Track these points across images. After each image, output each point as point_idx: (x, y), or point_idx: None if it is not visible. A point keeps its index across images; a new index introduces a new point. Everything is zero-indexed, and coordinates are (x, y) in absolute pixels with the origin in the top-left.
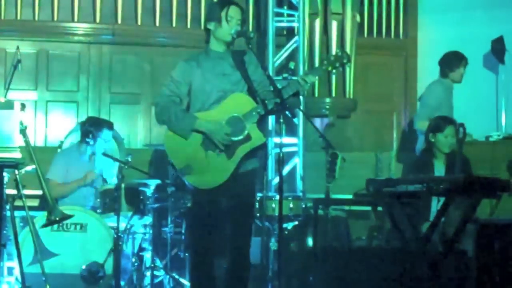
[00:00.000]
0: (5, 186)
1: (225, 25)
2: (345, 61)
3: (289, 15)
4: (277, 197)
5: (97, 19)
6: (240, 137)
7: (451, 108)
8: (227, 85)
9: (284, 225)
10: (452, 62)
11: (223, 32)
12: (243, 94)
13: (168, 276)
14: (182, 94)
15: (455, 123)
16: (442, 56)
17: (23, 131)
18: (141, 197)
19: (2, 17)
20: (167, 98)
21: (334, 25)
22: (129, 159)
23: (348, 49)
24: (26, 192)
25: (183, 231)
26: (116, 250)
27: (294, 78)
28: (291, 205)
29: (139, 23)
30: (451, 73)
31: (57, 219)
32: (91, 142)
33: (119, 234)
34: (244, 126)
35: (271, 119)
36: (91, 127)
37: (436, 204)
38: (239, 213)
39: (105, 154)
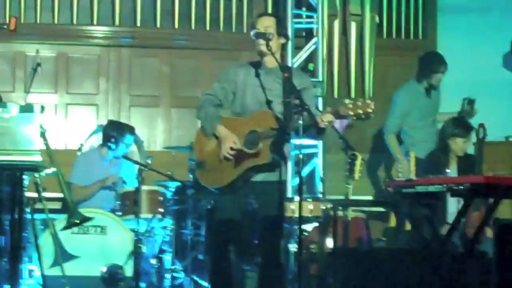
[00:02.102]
0: (25, 189)
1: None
2: (369, 110)
3: (308, 17)
4: (297, 198)
5: (116, 22)
6: (251, 151)
7: (424, 112)
8: (265, 98)
9: (304, 227)
10: (432, 66)
11: (255, 45)
12: (269, 112)
13: (188, 278)
14: (224, 95)
15: (466, 126)
16: (422, 56)
17: (43, 134)
18: (161, 199)
19: (22, 21)
20: (207, 97)
21: (353, 26)
22: (149, 162)
23: (367, 50)
24: (46, 195)
25: (203, 233)
26: (136, 252)
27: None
28: (311, 207)
29: (158, 25)
30: (428, 78)
31: (77, 221)
32: (113, 147)
33: (139, 236)
34: (258, 142)
35: None
36: (114, 132)
37: (453, 205)
38: (267, 224)
39: (125, 157)
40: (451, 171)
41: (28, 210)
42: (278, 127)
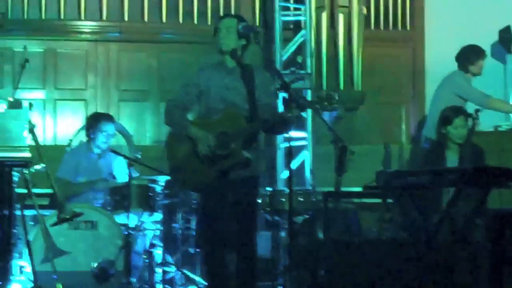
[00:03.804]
0: (15, 185)
1: (216, 37)
2: (355, 105)
3: (296, 9)
4: (287, 191)
5: (104, 17)
6: (224, 152)
7: (464, 103)
8: (231, 98)
9: (294, 219)
10: (471, 55)
11: (217, 44)
12: (237, 113)
13: (179, 272)
14: (189, 100)
15: (465, 113)
16: (459, 51)
17: (32, 130)
18: (151, 194)
19: (9, 17)
20: (172, 103)
21: (341, 18)
22: (139, 156)
23: (355, 42)
24: (36, 191)
25: (193, 227)
26: (127, 247)
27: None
28: (301, 199)
29: (145, 20)
30: (471, 67)
31: (68, 217)
32: (92, 136)
33: (130, 231)
34: (230, 143)
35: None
36: (90, 122)
37: (447, 195)
38: (242, 213)
39: (113, 151)
40: (451, 161)
41: (18, 206)
42: (248, 125)
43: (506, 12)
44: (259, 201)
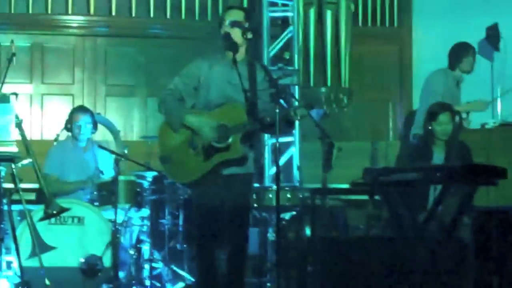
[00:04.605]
0: (1, 180)
1: (222, 30)
2: (343, 105)
3: (284, 5)
4: (274, 187)
5: (91, 11)
6: (222, 145)
7: (453, 99)
8: (231, 92)
9: (282, 215)
10: (458, 52)
11: (221, 37)
12: (239, 106)
13: (166, 268)
14: (186, 90)
15: (450, 109)
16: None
17: (19, 125)
18: (138, 189)
19: None
20: (168, 92)
21: (328, 15)
22: (126, 151)
23: (343, 39)
24: (23, 186)
25: (180, 223)
26: (114, 243)
27: (286, 106)
28: (289, 195)
29: (133, 15)
30: (459, 64)
31: (55, 212)
32: (69, 129)
33: (117, 226)
34: (228, 136)
35: None
36: (68, 116)
37: (433, 192)
38: (235, 210)
39: (100, 146)
40: (437, 158)
41: (5, 201)
42: (249, 122)
43: (494, 9)
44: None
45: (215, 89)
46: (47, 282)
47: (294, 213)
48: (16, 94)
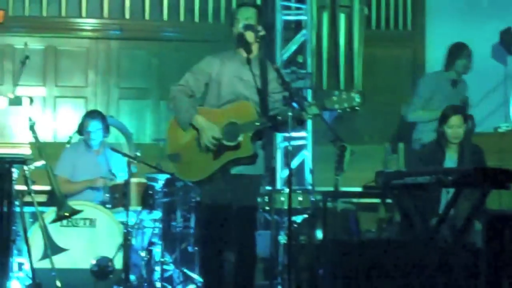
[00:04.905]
0: (14, 182)
1: (235, 28)
2: (355, 103)
3: (297, 8)
4: (286, 190)
5: (105, 14)
6: (231, 143)
7: (448, 100)
8: (242, 90)
9: (293, 218)
10: (453, 54)
11: (234, 35)
12: (250, 104)
13: (177, 271)
14: (197, 86)
15: (461, 112)
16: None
17: (32, 127)
18: (150, 192)
19: (10, 14)
20: (179, 88)
21: (342, 18)
22: (138, 154)
23: (356, 42)
24: (35, 187)
25: (192, 226)
26: (126, 245)
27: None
28: (300, 198)
29: (146, 17)
30: (453, 66)
31: (67, 214)
32: (82, 135)
33: (129, 228)
34: (238, 134)
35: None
36: (80, 121)
37: (445, 196)
38: (242, 215)
39: (113, 149)
40: (450, 161)
41: (17, 203)
42: (260, 120)
43: (507, 13)
44: (259, 200)
45: (226, 85)
46: (58, 284)
47: (305, 216)
48: (31, 99)
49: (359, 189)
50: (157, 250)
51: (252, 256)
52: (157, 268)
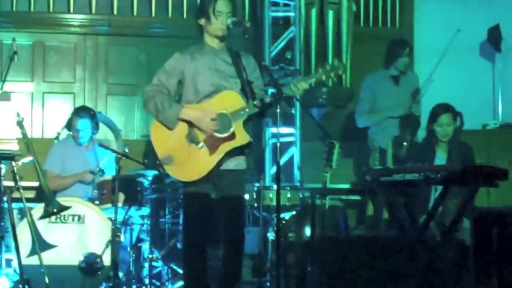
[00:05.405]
0: (2, 178)
1: (214, 21)
2: (340, 71)
3: (285, 5)
4: (275, 187)
5: (93, 10)
6: (225, 134)
7: (392, 98)
8: (220, 80)
9: (282, 215)
10: (392, 52)
11: (214, 28)
12: (234, 92)
13: (166, 267)
14: (171, 85)
15: (451, 110)
16: (388, 43)
17: (20, 123)
18: (139, 188)
19: None
20: (154, 87)
21: (330, 15)
22: (127, 150)
23: (344, 39)
24: (24, 184)
25: (180, 222)
26: (114, 241)
27: (286, 82)
28: (289, 195)
29: (135, 13)
30: (394, 64)
31: (55, 210)
32: (70, 131)
33: (117, 225)
34: (230, 124)
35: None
36: (69, 118)
37: (434, 193)
38: (229, 207)
39: (101, 145)
40: (439, 159)
41: (5, 199)
42: (249, 105)
43: (495, 10)
44: (247, 196)
45: (202, 79)
46: (46, 280)
47: (294, 213)
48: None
49: (347, 186)
50: (145, 246)
51: (240, 252)
52: (146, 265)
